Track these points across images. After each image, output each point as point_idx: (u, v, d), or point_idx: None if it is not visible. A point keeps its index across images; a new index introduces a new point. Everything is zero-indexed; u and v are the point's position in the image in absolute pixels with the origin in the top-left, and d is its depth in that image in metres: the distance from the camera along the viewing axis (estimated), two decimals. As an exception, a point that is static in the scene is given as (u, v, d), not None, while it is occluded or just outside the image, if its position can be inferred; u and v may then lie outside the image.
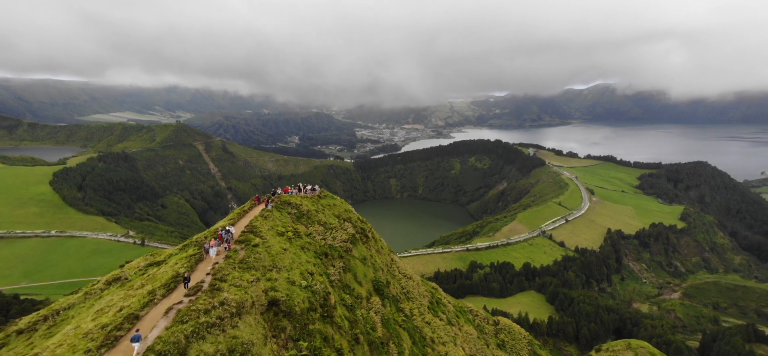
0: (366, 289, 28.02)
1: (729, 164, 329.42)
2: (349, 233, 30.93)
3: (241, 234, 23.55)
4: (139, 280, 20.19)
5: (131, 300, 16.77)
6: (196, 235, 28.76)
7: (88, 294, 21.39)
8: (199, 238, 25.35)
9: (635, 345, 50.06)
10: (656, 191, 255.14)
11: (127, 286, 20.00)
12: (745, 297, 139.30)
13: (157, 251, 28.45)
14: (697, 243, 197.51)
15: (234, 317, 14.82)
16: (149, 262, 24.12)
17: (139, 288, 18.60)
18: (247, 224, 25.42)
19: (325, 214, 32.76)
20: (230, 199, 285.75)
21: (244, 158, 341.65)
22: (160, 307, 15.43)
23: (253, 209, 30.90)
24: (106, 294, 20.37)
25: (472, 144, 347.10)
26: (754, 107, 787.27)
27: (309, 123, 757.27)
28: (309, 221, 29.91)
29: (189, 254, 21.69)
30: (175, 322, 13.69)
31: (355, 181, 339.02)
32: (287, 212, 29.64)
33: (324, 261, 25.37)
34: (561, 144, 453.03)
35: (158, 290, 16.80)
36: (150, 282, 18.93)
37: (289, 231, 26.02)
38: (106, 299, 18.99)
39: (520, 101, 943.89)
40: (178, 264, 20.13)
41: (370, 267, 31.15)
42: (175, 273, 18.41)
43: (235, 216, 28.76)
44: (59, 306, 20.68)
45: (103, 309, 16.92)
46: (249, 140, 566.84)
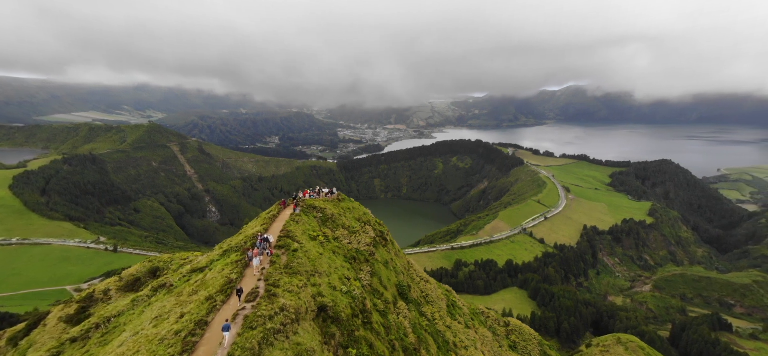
0: (391, 293, 27.95)
1: (689, 161, 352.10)
2: (370, 236, 30.82)
3: (279, 239, 23.56)
4: (188, 286, 20.05)
5: (189, 305, 16.80)
6: (231, 239, 28.21)
7: (135, 300, 21.18)
8: (238, 243, 25.01)
9: (625, 339, 52.72)
10: (626, 188, 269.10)
11: (176, 292, 19.92)
12: (708, 287, 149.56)
13: (189, 255, 27.92)
14: (664, 237, 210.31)
15: (294, 323, 15.02)
16: (191, 268, 23.67)
17: (192, 294, 18.58)
18: (283, 229, 25.26)
19: (347, 217, 32.60)
20: (208, 201, 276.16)
21: (222, 159, 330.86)
22: (224, 312, 15.69)
23: (282, 213, 30.64)
24: (154, 301, 20.33)
25: (454, 144, 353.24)
26: (710, 108, 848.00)
27: (289, 123, 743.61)
28: (334, 224, 29.73)
29: (233, 260, 21.41)
30: (245, 328, 13.95)
31: (339, 182, 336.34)
32: (313, 216, 29.41)
33: (353, 266, 25.24)
34: (537, 144, 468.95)
35: (216, 295, 16.78)
36: (202, 288, 18.89)
37: (320, 235, 25.86)
38: (157, 305, 19.04)
39: (498, 102, 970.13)
40: (224, 270, 19.95)
41: (392, 270, 31.16)
42: (228, 280, 18.35)
43: (266, 221, 28.33)
44: (108, 312, 20.64)
45: (162, 315, 17.06)
46: (226, 141, 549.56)
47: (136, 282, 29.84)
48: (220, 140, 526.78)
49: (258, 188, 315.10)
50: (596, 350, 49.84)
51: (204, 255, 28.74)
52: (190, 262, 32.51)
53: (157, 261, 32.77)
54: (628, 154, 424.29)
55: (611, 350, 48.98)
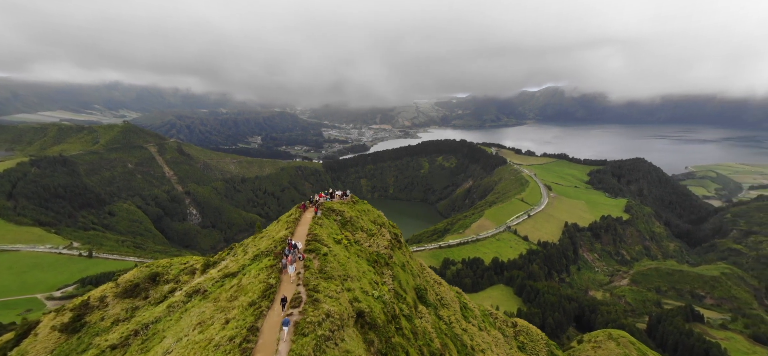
0: (411, 297, 27.93)
1: (659, 159, 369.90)
2: (387, 239, 30.71)
3: (308, 243, 23.42)
4: (224, 292, 19.81)
5: (233, 311, 16.64)
6: (254, 242, 27.77)
7: (171, 307, 20.88)
8: (268, 247, 24.72)
9: (616, 334, 54.93)
10: (603, 186, 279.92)
11: (212, 298, 19.73)
12: (681, 280, 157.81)
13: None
14: (639, 233, 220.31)
15: (340, 330, 14.96)
16: (223, 273, 23.38)
17: (231, 300, 18.33)
18: (309, 233, 25.10)
19: (364, 220, 32.43)
20: (189, 204, 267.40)
21: (202, 160, 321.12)
22: (271, 319, 15.67)
23: (303, 216, 30.41)
24: (191, 307, 20.13)
25: (439, 144, 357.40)
26: (678, 109, 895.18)
27: (272, 123, 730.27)
28: (353, 227, 29.49)
29: (266, 265, 21.18)
30: (298, 335, 14.00)
31: (325, 182, 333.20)
32: (333, 219, 29.13)
33: (375, 269, 25.10)
34: (518, 143, 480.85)
35: (260, 301, 16.64)
36: (241, 293, 18.71)
37: (344, 239, 25.59)
38: (196, 311, 18.87)
39: (481, 103, 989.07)
40: (260, 276, 19.80)
41: (409, 273, 31.15)
42: (267, 285, 18.24)
43: (290, 224, 27.99)
44: (145, 319, 20.34)
45: (205, 322, 16.88)
46: (206, 141, 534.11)
47: (136, 288, 28.76)
48: (199, 141, 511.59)
49: (241, 189, 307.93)
50: (588, 346, 51.76)
51: (227, 259, 28.08)
52: (192, 266, 31.65)
53: (155, 267, 31.71)
54: (604, 153, 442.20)
55: (603, 345, 51.03)
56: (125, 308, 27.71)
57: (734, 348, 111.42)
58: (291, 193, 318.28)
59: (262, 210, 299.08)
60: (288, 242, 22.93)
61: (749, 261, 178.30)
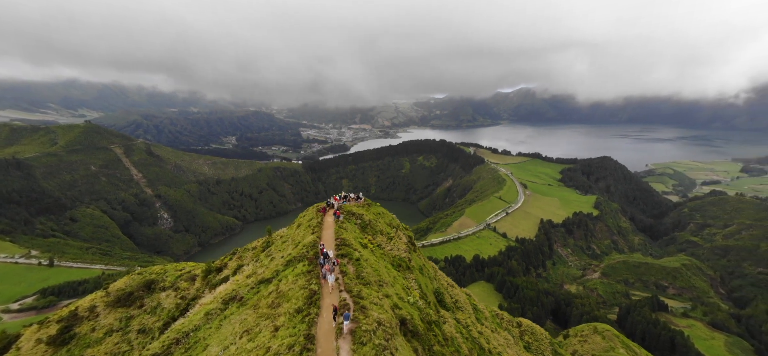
0: (432, 301, 27.89)
1: (623, 157, 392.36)
2: (404, 242, 30.55)
3: (338, 247, 23.11)
4: (264, 299, 19.46)
5: (280, 318, 16.51)
6: (283, 249, 26.96)
7: (208, 314, 20.60)
8: (299, 253, 24.16)
9: (601, 328, 57.88)
10: (574, 184, 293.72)
11: (251, 305, 19.37)
12: (646, 272, 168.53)
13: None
14: (608, 228, 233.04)
15: (393, 338, 14.72)
16: (258, 279, 22.77)
17: (273, 307, 18.02)
18: (338, 238, 24.72)
19: (381, 223, 32.12)
20: (159, 208, 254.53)
21: (173, 161, 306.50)
22: (323, 327, 15.54)
23: (325, 219, 29.92)
24: (230, 314, 19.75)
25: (420, 144, 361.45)
26: (638, 110, 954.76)
27: (247, 122, 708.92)
28: (373, 231, 29.11)
29: (303, 270, 20.79)
30: (357, 344, 13.91)
31: (305, 183, 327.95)
32: (353, 223, 28.59)
33: (400, 274, 24.89)
34: (494, 143, 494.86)
35: (308, 308, 16.40)
36: (284, 300, 18.44)
37: (369, 244, 25.12)
38: (236, 319, 18.54)
39: (458, 103, 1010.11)
40: (299, 281, 19.49)
41: (427, 276, 31.11)
42: (311, 291, 18.06)
43: (315, 228, 27.31)
44: (185, 327, 19.90)
45: (251, 330, 16.63)
46: (176, 142, 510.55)
47: (129, 297, 27.20)
48: (169, 141, 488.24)
49: (216, 191, 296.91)
50: (575, 340, 54.28)
51: (250, 265, 27.11)
52: (191, 273, 30.43)
53: (148, 274, 30.17)
54: (573, 151, 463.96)
55: (589, 339, 53.68)
56: (119, 317, 26.27)
57: (695, 334, 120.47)
58: (269, 194, 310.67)
59: (239, 213, 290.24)
60: (320, 248, 22.72)
61: (705, 252, 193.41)
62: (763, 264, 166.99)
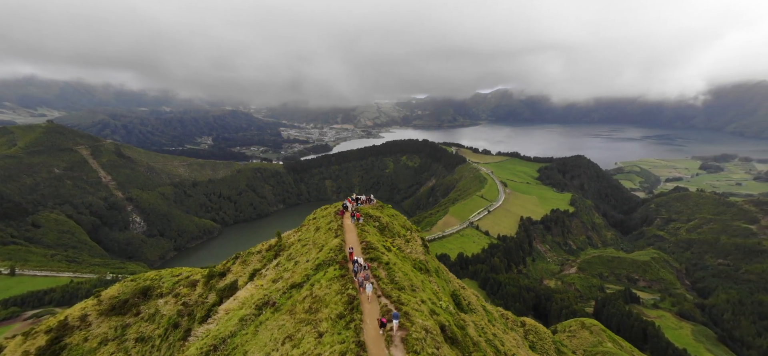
0: (452, 304, 27.81)
1: (594, 156, 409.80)
2: (420, 244, 30.31)
3: (365, 251, 22.75)
4: (300, 304, 19.13)
5: (322, 324, 16.18)
6: (306, 253, 26.29)
7: (243, 320, 20.20)
8: (329, 257, 23.88)
9: (589, 323, 60.29)
10: (551, 182, 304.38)
11: (286, 311, 19.07)
12: (619, 266, 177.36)
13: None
14: (583, 224, 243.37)
15: (442, 346, 14.59)
16: (289, 284, 22.39)
17: (311, 313, 17.76)
18: (363, 242, 24.40)
19: (396, 225, 31.76)
20: (131, 211, 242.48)
21: (146, 163, 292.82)
22: (369, 333, 15.24)
23: (345, 222, 29.41)
24: (265, 320, 19.39)
25: (403, 144, 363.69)
26: (608, 110, 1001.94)
27: (224, 122, 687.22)
28: (391, 233, 28.70)
29: (335, 274, 20.48)
30: (411, 353, 13.68)
31: (287, 184, 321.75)
32: (372, 225, 27.97)
33: (424, 277, 24.69)
34: (474, 143, 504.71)
35: (349, 314, 16.14)
36: (322, 305, 18.13)
37: (393, 247, 24.68)
38: (274, 325, 18.23)
39: (439, 104, 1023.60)
40: (334, 286, 19.40)
41: (443, 279, 31.00)
42: (350, 297, 17.81)
43: (338, 231, 26.78)
44: (220, 334, 19.52)
45: (293, 336, 16.40)
46: (147, 143, 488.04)
47: (124, 305, 25.74)
48: (139, 142, 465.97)
49: (192, 194, 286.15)
50: (563, 335, 56.29)
51: (280, 269, 26.28)
52: (191, 279, 29.29)
53: (142, 280, 28.79)
54: (548, 151, 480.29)
55: (578, 335, 55.88)
56: (113, 326, 24.96)
57: (665, 324, 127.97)
58: (249, 196, 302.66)
59: (218, 216, 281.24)
60: (348, 252, 22.47)
61: (671, 246, 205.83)
62: (723, 256, 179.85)
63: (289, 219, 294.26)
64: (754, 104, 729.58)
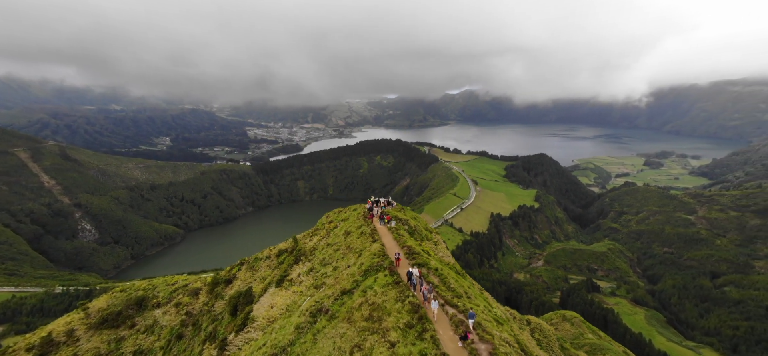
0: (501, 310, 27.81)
1: (554, 154, 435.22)
2: (444, 247, 29.95)
3: (410, 257, 22.16)
4: (357, 312, 18.77)
5: (391, 334, 15.70)
6: (347, 259, 25.25)
7: (299, 328, 19.85)
8: (375, 262, 22.94)
9: (569, 315, 64.05)
10: (517, 179, 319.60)
11: (343, 318, 18.71)
12: (580, 258, 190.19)
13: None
14: (547, 218, 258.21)
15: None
16: (339, 290, 21.96)
17: (374, 321, 17.34)
18: (405, 247, 23.76)
19: (420, 228, 31.06)
20: (80, 218, 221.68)
21: (96, 165, 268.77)
22: (447, 345, 14.85)
23: (377, 226, 28.40)
24: (321, 328, 19.01)
25: (377, 144, 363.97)
26: (565, 111, 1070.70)
27: (183, 121, 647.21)
28: (419, 236, 27.90)
29: (388, 281, 19.86)
30: None
31: (256, 186, 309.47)
32: (404, 229, 27.25)
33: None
34: (444, 142, 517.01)
35: (418, 323, 15.64)
36: (383, 314, 17.62)
37: (431, 251, 23.96)
38: (334, 333, 17.76)
39: (410, 104, 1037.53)
40: (390, 293, 18.76)
41: (467, 281, 30.87)
42: (414, 305, 17.39)
43: (374, 235, 25.80)
44: (279, 342, 19.12)
45: (362, 345, 16.03)
46: (96, 144, 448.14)
47: (118, 317, 23.56)
48: (86, 143, 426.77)
49: (151, 198, 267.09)
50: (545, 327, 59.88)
51: (317, 275, 25.27)
52: (192, 287, 27.41)
53: (132, 291, 26.73)
54: (513, 149, 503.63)
55: (559, 327, 59.23)
56: (106, 340, 22.89)
57: (622, 310, 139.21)
58: (215, 199, 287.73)
59: (180, 220, 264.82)
60: (395, 257, 21.89)
61: (623, 237, 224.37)
62: (668, 245, 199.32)
63: (259, 223, 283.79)
64: (687, 105, 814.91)
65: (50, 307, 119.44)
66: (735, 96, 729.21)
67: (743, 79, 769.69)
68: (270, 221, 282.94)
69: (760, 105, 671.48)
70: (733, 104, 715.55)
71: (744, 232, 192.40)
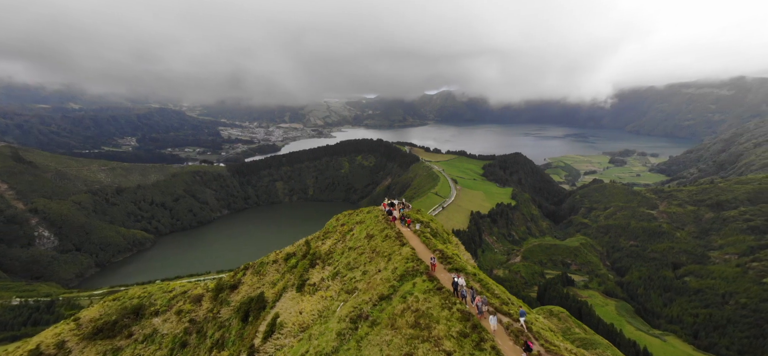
0: None
1: (527, 153, 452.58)
2: (464, 249, 29.84)
3: (445, 261, 22.01)
4: (400, 318, 18.44)
5: (444, 342, 15.45)
6: (376, 263, 24.77)
7: (341, 335, 19.45)
8: (410, 267, 22.46)
9: (556, 311, 66.36)
10: (494, 178, 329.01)
11: (386, 325, 18.58)
12: (555, 253, 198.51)
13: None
14: (523, 215, 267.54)
15: None
16: (377, 296, 21.45)
17: (421, 328, 17.32)
18: (434, 250, 23.62)
19: (441, 230, 30.75)
20: (36, 224, 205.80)
21: (54, 168, 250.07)
22: (511, 355, 14.53)
23: (402, 230, 27.72)
24: (365, 335, 18.61)
25: (358, 143, 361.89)
26: (536, 111, 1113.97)
27: (150, 121, 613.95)
28: (441, 239, 27.53)
29: (429, 287, 19.51)
30: None
31: (232, 187, 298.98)
32: (428, 232, 26.77)
33: None
34: (423, 142, 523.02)
35: (476, 333, 15.22)
36: (431, 321, 17.25)
37: (461, 256, 23.62)
38: (378, 340, 17.42)
39: (389, 104, 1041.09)
40: (433, 299, 18.30)
41: None
42: (464, 313, 17.19)
43: (396, 238, 25.52)
44: (323, 350, 19.14)
45: (413, 353, 15.77)
46: (52, 145, 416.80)
47: (114, 326, 22.22)
48: (41, 144, 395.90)
49: (117, 202, 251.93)
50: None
51: (344, 280, 24.70)
52: (194, 293, 26.20)
53: (127, 299, 25.42)
54: (489, 149, 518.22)
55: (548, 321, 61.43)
56: (101, 351, 21.67)
57: (594, 302, 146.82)
58: (188, 202, 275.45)
59: (150, 225, 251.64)
60: (431, 262, 21.55)
61: (593, 231, 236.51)
62: (633, 238, 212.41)
63: (237, 225, 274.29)
64: (646, 106, 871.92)
65: (7, 320, 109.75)
66: (688, 98, 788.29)
67: (695, 82, 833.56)
68: (248, 223, 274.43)
69: (711, 106, 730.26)
70: (687, 105, 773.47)
71: (700, 225, 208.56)
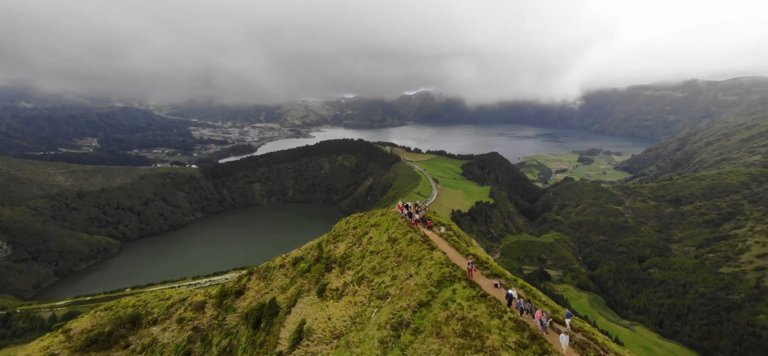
0: None
1: (502, 152, 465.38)
2: (483, 250, 29.43)
3: (481, 266, 22.14)
4: (446, 326, 17.95)
5: (502, 353, 14.95)
6: (411, 268, 24.37)
7: (383, 342, 18.80)
8: (446, 272, 22.17)
9: None
10: (473, 177, 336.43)
11: (430, 332, 18.05)
12: (532, 249, 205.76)
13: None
14: (501, 213, 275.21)
15: None
16: (415, 302, 20.84)
17: (472, 338, 16.55)
18: (467, 254, 23.63)
19: (462, 233, 30.07)
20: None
21: (6, 171, 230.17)
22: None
23: (427, 233, 27.05)
24: (409, 343, 18.00)
25: (338, 144, 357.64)
26: (510, 112, 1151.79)
27: (114, 121, 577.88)
28: (463, 241, 26.84)
29: (472, 294, 19.42)
30: None
31: (205, 190, 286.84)
32: (455, 236, 26.06)
33: None
34: (403, 142, 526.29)
35: (536, 344, 14.78)
36: (481, 330, 17.00)
37: (490, 259, 23.10)
38: (425, 349, 16.89)
39: (368, 104, 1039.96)
40: (479, 307, 17.93)
41: None
42: (519, 323, 16.65)
43: (423, 242, 25.10)
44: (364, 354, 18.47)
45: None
46: (2, 146, 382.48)
47: (109, 337, 20.70)
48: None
49: (78, 207, 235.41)
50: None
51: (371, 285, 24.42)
52: (195, 301, 24.90)
53: (120, 309, 23.92)
54: (467, 148, 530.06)
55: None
56: None
57: (569, 296, 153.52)
58: (158, 206, 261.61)
59: (116, 230, 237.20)
60: (469, 267, 21.22)
61: (566, 227, 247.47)
62: (602, 233, 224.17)
63: (212, 229, 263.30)
64: (610, 107, 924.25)
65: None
66: (647, 99, 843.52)
67: (653, 84, 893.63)
68: (224, 227, 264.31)
69: (666, 107, 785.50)
70: (646, 107, 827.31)
71: (661, 219, 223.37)
